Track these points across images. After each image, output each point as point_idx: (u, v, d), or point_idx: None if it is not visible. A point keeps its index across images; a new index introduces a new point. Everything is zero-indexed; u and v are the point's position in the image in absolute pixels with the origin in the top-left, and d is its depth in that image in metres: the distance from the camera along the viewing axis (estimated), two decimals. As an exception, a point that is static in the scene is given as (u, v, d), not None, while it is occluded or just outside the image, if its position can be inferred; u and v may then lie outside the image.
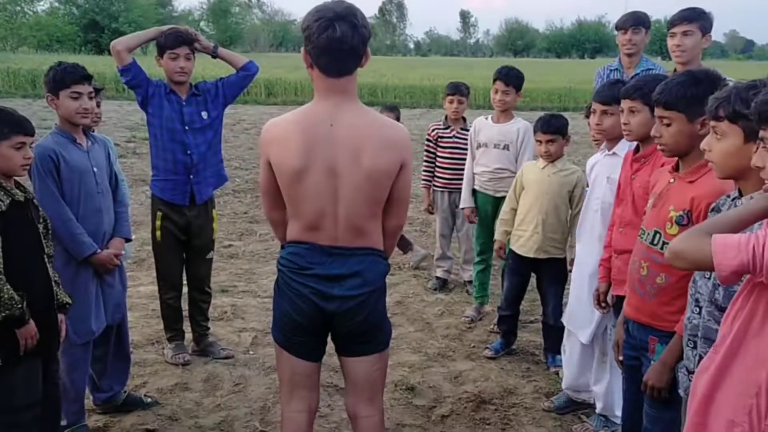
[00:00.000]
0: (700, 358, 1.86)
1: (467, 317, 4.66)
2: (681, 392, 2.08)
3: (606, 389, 3.27)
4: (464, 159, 4.76)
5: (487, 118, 4.61)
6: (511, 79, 4.38)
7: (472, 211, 4.68)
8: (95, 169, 3.08)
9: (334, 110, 2.18)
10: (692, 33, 3.54)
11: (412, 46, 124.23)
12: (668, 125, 2.27)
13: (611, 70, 4.43)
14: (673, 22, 3.59)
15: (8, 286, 2.37)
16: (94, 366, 3.26)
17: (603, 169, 3.21)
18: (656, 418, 2.33)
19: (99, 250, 3.06)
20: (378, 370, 2.40)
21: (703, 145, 1.93)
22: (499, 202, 4.47)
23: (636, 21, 4.23)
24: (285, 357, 2.37)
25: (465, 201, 4.72)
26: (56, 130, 3.06)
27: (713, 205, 2.03)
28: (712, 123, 1.88)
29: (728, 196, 1.97)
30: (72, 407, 3.09)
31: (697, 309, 1.96)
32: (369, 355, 2.36)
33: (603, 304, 2.96)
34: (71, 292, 2.96)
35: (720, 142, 1.87)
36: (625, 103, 2.67)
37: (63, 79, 2.97)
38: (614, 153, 3.15)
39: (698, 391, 1.73)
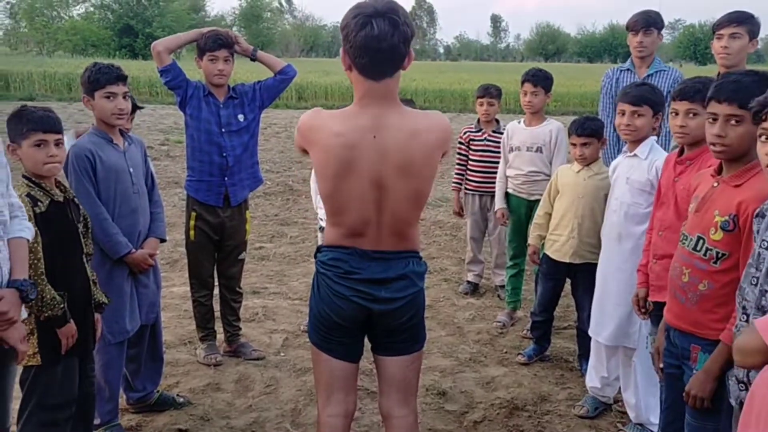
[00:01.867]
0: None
1: (499, 322, 4.61)
2: (732, 401, 2.01)
3: (637, 397, 3.22)
4: (496, 162, 4.72)
5: (519, 122, 4.59)
6: (540, 79, 4.36)
7: (504, 213, 4.64)
8: (131, 170, 3.11)
9: (375, 120, 2.09)
10: (740, 36, 3.46)
11: (441, 50, 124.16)
12: (737, 124, 2.15)
13: (622, 71, 4.36)
14: (721, 24, 3.51)
15: (50, 287, 2.39)
16: (128, 365, 3.28)
17: (623, 170, 3.22)
18: (698, 428, 2.26)
19: (134, 250, 3.08)
20: (414, 369, 2.39)
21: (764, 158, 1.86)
22: (533, 205, 4.44)
23: (647, 22, 4.16)
24: (323, 358, 2.34)
25: (499, 202, 4.68)
26: (93, 130, 3.10)
27: (758, 210, 1.97)
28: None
29: None
30: (106, 406, 3.11)
31: (745, 317, 1.90)
32: (407, 355, 2.34)
33: (643, 310, 2.90)
34: (106, 291, 2.98)
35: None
36: (682, 105, 2.59)
37: (98, 79, 3.00)
38: (635, 155, 3.16)
39: (757, 403, 1.65)
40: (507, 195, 4.62)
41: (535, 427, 3.34)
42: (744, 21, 3.47)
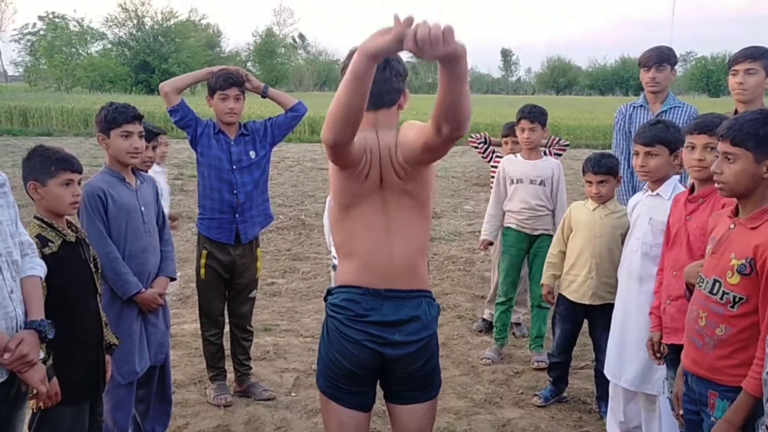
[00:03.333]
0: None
1: (487, 358, 4.53)
2: None
3: (660, 443, 3.11)
4: None
5: (516, 156, 4.58)
6: (536, 116, 4.39)
7: (490, 243, 4.67)
8: (143, 209, 3.10)
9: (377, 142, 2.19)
10: (756, 72, 3.41)
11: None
12: (732, 162, 2.14)
13: (635, 108, 4.33)
14: (736, 59, 3.46)
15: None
16: (137, 406, 3.24)
17: (645, 210, 3.15)
18: (723, 479, 2.17)
19: (143, 290, 3.05)
20: (429, 418, 2.32)
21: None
22: (535, 240, 4.44)
23: (660, 58, 4.14)
24: (333, 408, 2.26)
25: (491, 235, 4.66)
26: (105, 169, 3.11)
27: None
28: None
29: None
30: (114, 449, 3.05)
31: (778, 368, 1.82)
32: (421, 403, 2.28)
33: (658, 354, 2.83)
34: (116, 331, 2.95)
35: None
36: (700, 139, 2.58)
37: (114, 118, 3.02)
38: (657, 194, 3.10)
39: None
40: (504, 230, 4.59)
41: (554, 473, 3.24)
42: (760, 56, 3.43)
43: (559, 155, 4.88)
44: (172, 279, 3.31)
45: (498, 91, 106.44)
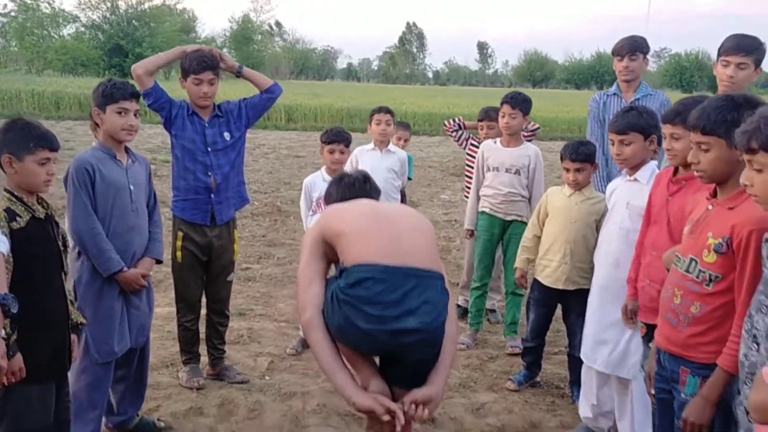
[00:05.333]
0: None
1: (462, 344, 4.54)
2: None
3: (632, 428, 3.15)
4: None
5: (495, 142, 4.58)
6: (518, 102, 4.39)
7: (473, 233, 4.70)
8: (132, 187, 3.06)
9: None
10: (747, 66, 3.37)
11: (431, 75, 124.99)
12: (706, 151, 2.17)
13: (609, 96, 4.36)
14: (729, 51, 3.40)
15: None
16: (114, 387, 3.19)
17: (623, 195, 3.18)
18: (694, 456, 2.20)
19: (126, 269, 3.00)
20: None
21: (743, 180, 1.86)
22: (508, 225, 4.49)
23: (633, 47, 4.18)
24: (347, 348, 2.18)
25: (471, 223, 4.69)
26: (98, 145, 3.08)
27: (766, 236, 1.94)
28: (747, 156, 1.80)
29: None
30: (87, 428, 3.01)
31: (755, 345, 1.85)
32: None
33: (632, 319, 2.88)
34: (95, 309, 2.92)
35: (762, 174, 1.79)
36: (666, 129, 2.60)
37: (112, 94, 2.99)
38: (635, 179, 3.12)
39: None
40: (478, 214, 4.61)
41: (526, 455, 3.26)
42: (753, 51, 3.38)
43: (530, 140, 4.89)
44: (159, 261, 3.26)
45: (475, 84, 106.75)
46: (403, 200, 5.15)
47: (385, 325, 2.03)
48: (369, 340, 2.06)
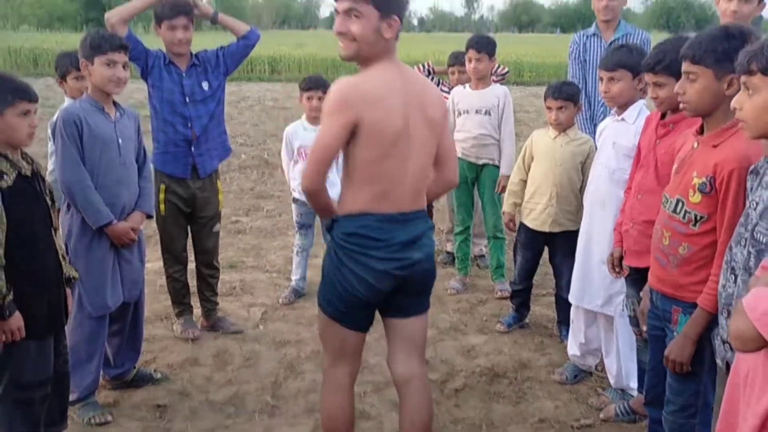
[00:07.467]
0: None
1: (452, 288, 4.62)
2: (718, 361, 2.02)
3: (618, 363, 3.24)
4: None
5: (465, 87, 4.58)
6: (482, 45, 4.39)
7: None
8: (120, 141, 3.04)
9: (398, 70, 2.27)
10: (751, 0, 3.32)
11: (416, 22, 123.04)
12: (693, 81, 2.14)
13: (588, 37, 4.35)
14: None
15: (2, 273, 2.28)
16: (110, 341, 3.23)
17: (610, 134, 3.17)
18: (680, 390, 2.27)
19: (115, 221, 3.01)
20: (427, 325, 2.53)
21: (733, 103, 1.83)
22: (481, 169, 4.53)
23: None
24: (336, 328, 2.36)
25: None
26: (86, 97, 3.06)
27: (751, 167, 1.94)
28: (744, 78, 1.78)
29: (766, 158, 1.88)
30: (86, 380, 3.06)
31: (733, 277, 1.88)
32: (424, 312, 2.48)
33: (617, 269, 2.91)
34: (86, 263, 2.94)
35: (753, 98, 1.77)
36: (649, 78, 2.57)
37: (100, 45, 2.95)
38: (622, 119, 3.11)
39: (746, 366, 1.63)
40: None
41: (516, 393, 3.36)
42: None
43: (498, 82, 4.87)
44: (149, 216, 3.27)
45: (461, 30, 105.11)
46: None
47: (395, 262, 2.25)
48: (384, 276, 2.25)
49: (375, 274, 2.24)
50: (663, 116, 2.67)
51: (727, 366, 1.88)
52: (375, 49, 2.21)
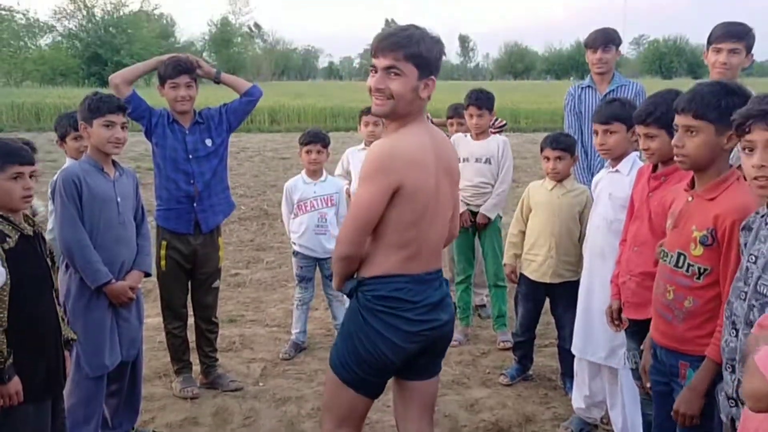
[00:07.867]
0: (739, 382, 1.77)
1: (455, 341, 4.56)
2: (723, 417, 1.98)
3: (624, 416, 3.19)
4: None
5: (465, 136, 4.65)
6: (483, 102, 4.48)
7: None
8: (119, 199, 3.07)
9: (426, 129, 2.27)
10: (739, 52, 3.36)
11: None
12: (694, 135, 2.14)
13: (583, 88, 4.41)
14: (720, 38, 3.37)
15: (2, 338, 2.27)
16: (108, 401, 3.20)
17: (605, 186, 3.21)
18: (689, 445, 2.23)
19: (114, 280, 3.01)
20: (438, 386, 2.55)
21: (738, 162, 1.85)
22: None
23: (606, 39, 4.23)
24: (347, 394, 2.28)
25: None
26: (85, 157, 3.11)
27: (743, 223, 1.95)
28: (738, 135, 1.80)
29: (758, 213, 1.89)
30: (83, 442, 3.00)
31: (734, 332, 1.87)
32: (438, 373, 2.46)
33: (616, 322, 2.88)
34: (84, 323, 2.93)
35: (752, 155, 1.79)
36: (639, 129, 2.61)
37: (99, 107, 3.01)
38: (617, 170, 3.16)
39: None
40: None
41: (521, 449, 3.30)
42: (744, 36, 3.37)
43: (496, 134, 4.92)
44: (147, 274, 3.27)
45: (457, 78, 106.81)
46: None
47: (426, 323, 2.23)
48: (413, 337, 2.21)
49: (404, 336, 2.20)
50: (654, 168, 2.69)
51: (732, 422, 1.85)
52: (410, 108, 2.19)
